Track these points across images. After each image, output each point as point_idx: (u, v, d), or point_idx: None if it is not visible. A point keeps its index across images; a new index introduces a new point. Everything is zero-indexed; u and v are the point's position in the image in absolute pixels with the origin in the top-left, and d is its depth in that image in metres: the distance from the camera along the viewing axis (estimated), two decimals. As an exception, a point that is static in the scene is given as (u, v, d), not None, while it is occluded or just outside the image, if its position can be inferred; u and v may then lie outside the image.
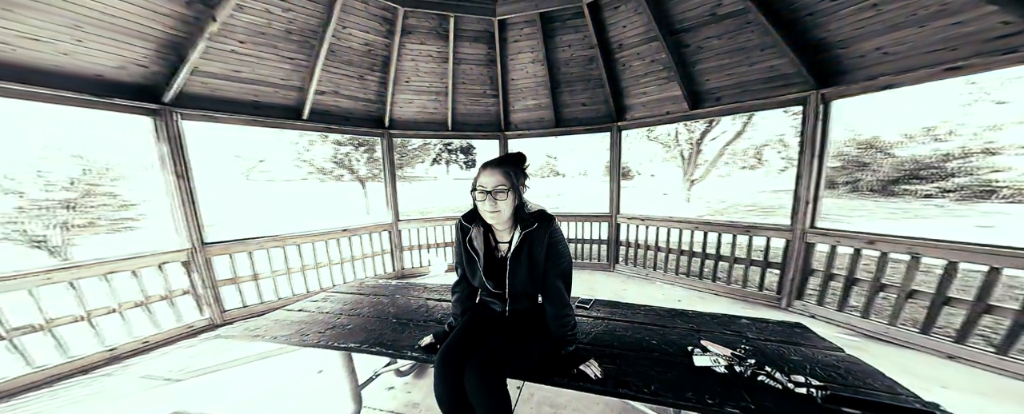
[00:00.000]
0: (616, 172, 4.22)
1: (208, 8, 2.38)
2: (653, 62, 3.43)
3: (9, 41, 1.92)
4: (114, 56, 2.25)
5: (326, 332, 1.55)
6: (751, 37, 2.85)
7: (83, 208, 5.39)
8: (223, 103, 2.81)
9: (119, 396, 1.94)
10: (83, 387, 2.03)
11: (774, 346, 1.35)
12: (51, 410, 1.84)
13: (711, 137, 10.85)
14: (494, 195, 1.16)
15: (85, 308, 2.24)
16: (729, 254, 3.45)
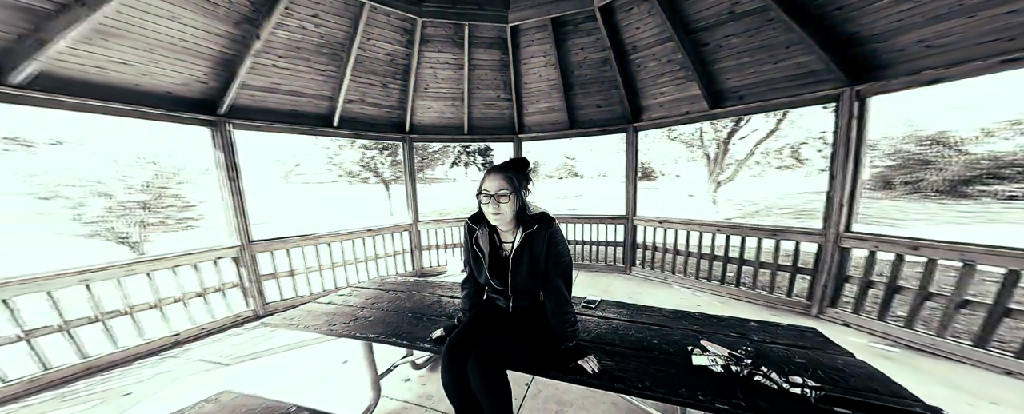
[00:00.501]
0: (633, 173, 4.18)
1: (253, 27, 2.68)
2: (669, 62, 3.38)
3: (103, 65, 2.29)
4: (180, 74, 2.61)
5: (350, 323, 1.72)
6: (774, 34, 2.75)
7: (156, 208, 6.18)
8: (266, 113, 3.14)
9: (179, 376, 2.24)
10: (152, 367, 2.36)
11: (780, 349, 1.33)
12: (130, 385, 2.16)
13: (740, 135, 10.27)
14: (497, 198, 1.25)
15: (157, 297, 2.59)
16: (754, 258, 3.31)
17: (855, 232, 2.79)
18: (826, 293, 2.92)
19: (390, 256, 4.20)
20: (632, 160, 4.13)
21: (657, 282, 4.01)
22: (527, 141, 4.57)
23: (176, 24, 2.37)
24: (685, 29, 3.10)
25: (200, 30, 2.50)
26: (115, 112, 2.41)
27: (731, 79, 3.19)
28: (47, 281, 2.14)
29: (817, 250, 2.92)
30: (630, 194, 4.21)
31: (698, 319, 1.64)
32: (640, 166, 17.23)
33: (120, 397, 2.02)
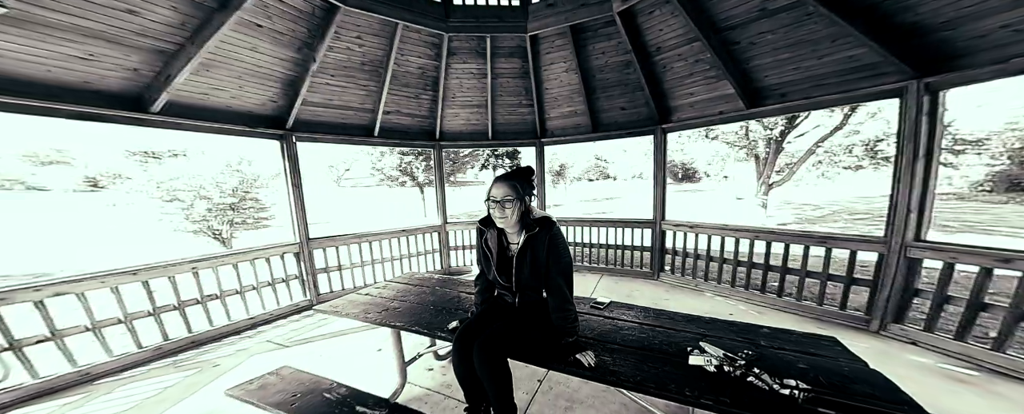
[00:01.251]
0: (661, 175, 4.06)
1: (310, 51, 3.14)
2: (698, 62, 3.28)
3: (207, 92, 2.85)
4: (259, 96, 3.14)
5: (382, 313, 1.96)
6: (815, 28, 2.58)
7: (240, 209, 7.32)
8: (321, 126, 3.62)
9: (253, 353, 2.69)
10: (234, 345, 2.84)
11: (786, 354, 1.30)
12: (219, 358, 2.64)
13: (798, 132, 9.22)
14: (503, 204, 1.39)
15: (241, 284, 3.12)
16: (799, 267, 3.05)
17: (927, 241, 2.48)
18: (889, 308, 2.61)
19: (422, 255, 4.54)
20: (661, 162, 4.02)
21: (687, 289, 3.83)
22: (549, 144, 4.67)
23: (255, 53, 2.88)
24: (713, 28, 3.01)
25: (272, 56, 3.00)
26: (216, 131, 2.99)
27: (769, 76, 3.03)
28: (172, 267, 2.71)
29: (878, 260, 2.65)
30: (658, 197, 4.09)
31: (706, 323, 1.63)
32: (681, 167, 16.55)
33: (211, 367, 2.49)
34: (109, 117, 2.42)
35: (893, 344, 2.49)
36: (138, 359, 2.51)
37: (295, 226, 3.47)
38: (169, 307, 2.70)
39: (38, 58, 2.10)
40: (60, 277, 2.28)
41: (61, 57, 2.15)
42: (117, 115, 2.44)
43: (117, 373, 2.38)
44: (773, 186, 9.88)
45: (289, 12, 2.80)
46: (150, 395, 2.13)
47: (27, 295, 2.14)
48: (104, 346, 2.40)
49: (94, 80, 2.33)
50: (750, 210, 10.40)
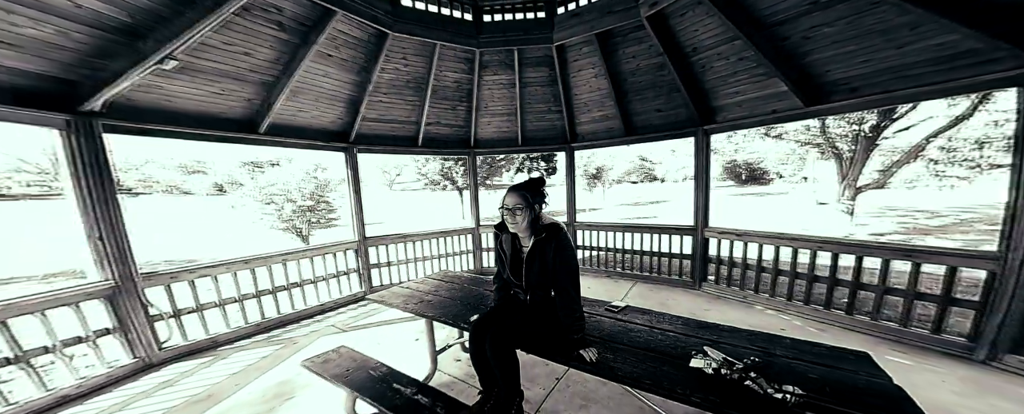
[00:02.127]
0: (704, 179, 3.81)
1: (367, 74, 3.63)
2: (741, 59, 3.07)
3: (295, 114, 3.48)
4: (330, 114, 3.74)
5: (418, 304, 2.23)
6: (886, 17, 2.31)
7: (315, 211, 8.60)
8: (376, 138, 4.15)
9: (321, 334, 3.20)
10: (307, 327, 3.40)
11: (801, 365, 1.26)
12: (297, 337, 3.19)
13: (899, 127, 7.63)
14: (513, 212, 1.53)
15: (316, 274, 3.71)
16: (877, 282, 2.67)
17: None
18: (1003, 336, 2.17)
19: (458, 255, 4.85)
20: (703, 165, 3.78)
21: (734, 301, 3.53)
22: (580, 149, 4.70)
23: (327, 79, 3.45)
24: (756, 25, 2.80)
25: (340, 81, 3.56)
26: (302, 146, 3.67)
27: (834, 71, 2.73)
28: (268, 259, 3.34)
29: (987, 278, 2.25)
30: (700, 202, 3.84)
31: (722, 330, 1.59)
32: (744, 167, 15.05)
33: (292, 343, 3.03)
34: (234, 138, 3.13)
35: (1003, 377, 2.05)
36: (246, 332, 3.15)
37: (355, 227, 4.02)
38: (266, 291, 3.34)
39: (193, 96, 2.81)
40: (203, 263, 3.00)
41: (206, 94, 2.86)
42: (239, 136, 3.15)
43: (232, 342, 3.04)
44: (862, 189, 8.32)
45: (351, 41, 3.32)
46: (253, 362, 2.69)
47: (185, 276, 2.85)
48: (225, 320, 3.08)
49: (225, 110, 3.05)
50: (833, 217, 8.91)
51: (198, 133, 2.89)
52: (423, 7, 3.41)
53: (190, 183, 29.86)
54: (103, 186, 2.37)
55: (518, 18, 3.70)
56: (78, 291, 2.32)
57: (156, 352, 2.64)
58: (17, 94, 2.08)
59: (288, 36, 2.93)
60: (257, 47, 2.85)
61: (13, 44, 1.95)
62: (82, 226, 2.34)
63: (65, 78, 2.21)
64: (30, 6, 1.88)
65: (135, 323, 2.53)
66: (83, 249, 2.38)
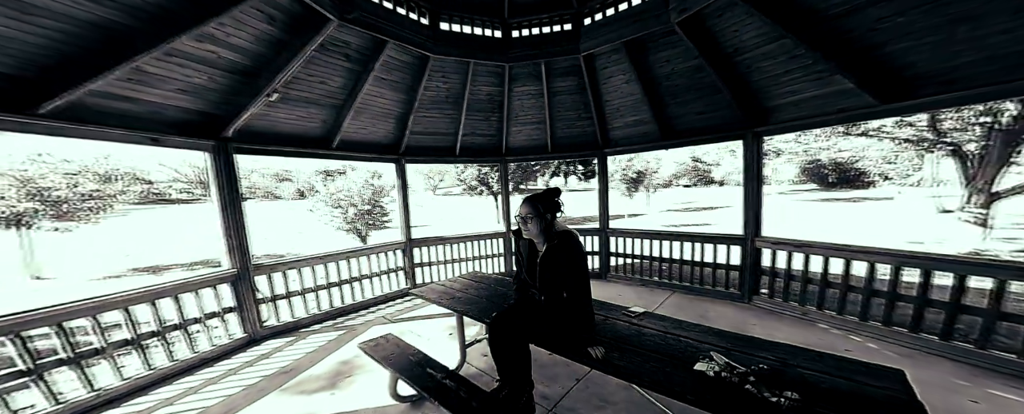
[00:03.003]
0: (754, 186, 3.52)
1: (413, 93, 4.07)
2: (793, 58, 2.82)
3: (358, 130, 4.05)
4: (384, 130, 4.27)
5: (450, 300, 2.49)
6: (973, 6, 1.98)
7: (372, 214, 9.66)
8: (421, 149, 4.61)
9: (372, 324, 3.65)
10: (363, 316, 3.91)
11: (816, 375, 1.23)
12: (355, 324, 3.69)
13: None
14: (524, 220, 1.69)
15: (371, 270, 4.27)
16: (985, 306, 2.30)
17: None
18: None
19: (490, 257, 5.09)
20: (753, 169, 3.50)
21: (789, 317, 3.21)
22: (614, 154, 4.65)
23: (382, 99, 3.97)
24: (809, 20, 2.56)
25: (391, 100, 4.05)
26: (363, 159, 4.25)
27: (922, 62, 2.39)
28: (337, 256, 3.93)
29: None
30: (751, 210, 3.56)
31: (738, 340, 1.55)
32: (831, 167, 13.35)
33: (351, 330, 3.53)
34: (315, 153, 3.78)
35: None
36: (317, 318, 3.73)
37: (402, 229, 4.51)
38: (334, 284, 3.94)
39: (288, 120, 3.47)
40: (291, 258, 3.63)
41: (296, 118, 3.51)
42: (318, 151, 3.79)
43: (308, 325, 3.65)
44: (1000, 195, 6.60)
45: (400, 65, 3.77)
46: (322, 343, 3.21)
47: (280, 268, 3.50)
48: (305, 307, 3.71)
49: (309, 130, 3.69)
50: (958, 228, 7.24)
51: (293, 150, 3.58)
52: (459, 29, 3.73)
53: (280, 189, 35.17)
54: (233, 195, 3.07)
55: (545, 32, 3.84)
56: (214, 276, 3.03)
57: (259, 329, 3.30)
58: (183, 126, 2.82)
59: (352, 65, 3.46)
60: (330, 76, 3.42)
61: (184, 90, 2.66)
62: (220, 225, 3.05)
63: (212, 112, 2.92)
64: (198, 61, 2.56)
65: (247, 304, 3.20)
66: (219, 244, 3.10)
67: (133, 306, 2.55)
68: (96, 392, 2.33)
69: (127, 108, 2.49)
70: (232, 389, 2.48)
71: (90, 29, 2.07)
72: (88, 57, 2.13)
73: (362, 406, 2.23)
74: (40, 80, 2.07)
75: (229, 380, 2.61)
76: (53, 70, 2.08)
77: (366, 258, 4.18)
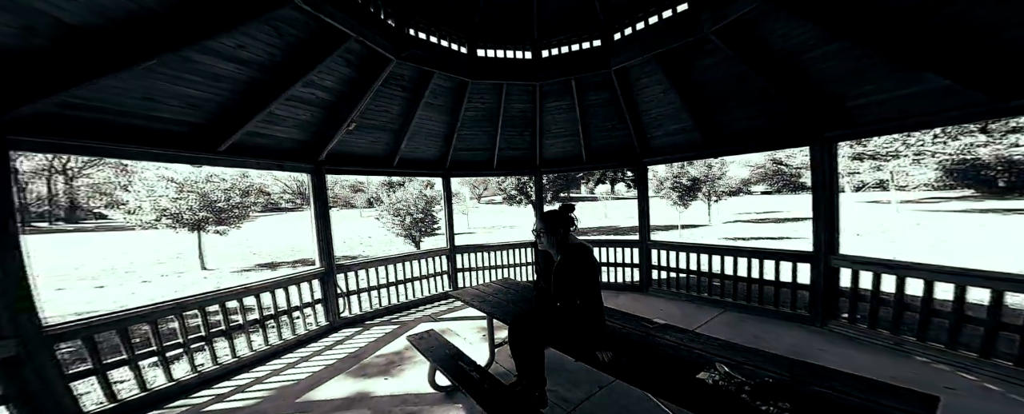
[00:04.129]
0: (826, 197, 3.10)
1: (455, 115, 4.52)
2: (862, 58, 2.47)
3: (412, 150, 4.63)
4: (433, 148, 4.81)
5: (482, 302, 2.73)
6: None
7: (424, 222, 10.68)
8: (463, 164, 5.05)
9: (419, 322, 4.11)
10: (413, 315, 4.39)
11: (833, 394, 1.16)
12: (406, 320, 4.19)
13: None
14: (538, 234, 1.88)
15: (421, 273, 4.81)
16: None
17: None
18: None
19: (522, 266, 5.24)
20: (827, 180, 3.08)
21: (875, 346, 2.75)
22: (654, 163, 4.51)
23: (431, 121, 4.50)
24: (875, 13, 2.24)
25: (437, 122, 4.57)
26: (415, 174, 4.89)
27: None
28: (396, 260, 4.56)
29: None
30: (822, 225, 3.13)
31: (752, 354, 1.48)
32: (999, 165, 10.98)
33: (403, 326, 4.05)
34: (381, 171, 4.50)
35: None
36: (377, 313, 4.33)
37: (446, 237, 4.97)
38: (392, 283, 4.54)
39: (361, 145, 4.17)
40: (360, 260, 4.33)
41: (367, 142, 4.20)
42: (383, 169, 4.48)
43: (371, 318, 4.27)
44: None
45: (444, 90, 4.25)
46: (381, 335, 3.73)
47: (354, 268, 4.18)
48: (370, 302, 4.38)
49: (377, 151, 4.38)
50: None
51: (365, 169, 4.32)
52: (493, 54, 4.07)
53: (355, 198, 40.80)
54: (324, 208, 3.83)
55: (574, 50, 3.95)
56: (310, 273, 3.76)
57: (337, 319, 4.00)
58: (295, 153, 3.62)
59: (406, 94, 4.04)
60: (391, 106, 4.05)
61: (296, 125, 3.44)
62: (313, 232, 3.82)
63: (310, 141, 3.68)
64: (303, 101, 3.29)
65: (330, 297, 3.91)
66: (313, 246, 3.86)
67: (263, 293, 3.34)
68: (236, 359, 3.09)
69: (264, 143, 3.31)
70: (316, 367, 3.07)
71: (244, 86, 2.82)
72: (243, 107, 2.92)
73: (408, 391, 2.59)
74: (218, 126, 2.91)
75: (314, 359, 3.22)
76: (223, 118, 2.91)
77: (417, 262, 4.72)
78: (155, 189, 9.45)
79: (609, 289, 4.95)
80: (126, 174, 11.19)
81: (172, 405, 2.51)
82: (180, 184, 9.61)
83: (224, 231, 10.72)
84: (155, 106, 2.52)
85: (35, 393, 2.03)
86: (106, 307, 6.35)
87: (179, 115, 2.68)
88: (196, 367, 2.85)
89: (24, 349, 2.00)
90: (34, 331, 2.04)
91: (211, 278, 9.29)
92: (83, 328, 2.28)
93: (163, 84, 2.44)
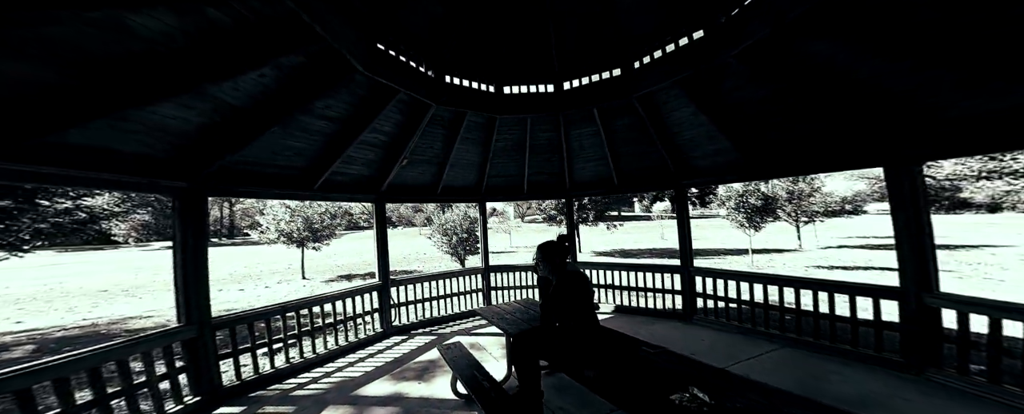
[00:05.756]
0: (912, 225, 2.68)
1: (487, 146, 5.00)
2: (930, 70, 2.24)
3: (452, 179, 5.27)
4: (470, 177, 5.37)
5: (499, 319, 2.96)
6: None
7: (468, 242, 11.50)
8: (496, 189, 5.49)
9: (452, 334, 4.48)
10: (449, 328, 4.82)
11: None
12: (442, 332, 4.63)
13: None
14: (536, 262, 2.13)
15: (459, 289, 5.25)
16: None
17: None
18: None
19: None
20: (907, 205, 2.68)
21: (993, 401, 2.08)
22: (696, 186, 4.40)
23: (467, 153, 5.08)
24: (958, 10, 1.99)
25: (474, 154, 5.12)
26: (456, 201, 5.51)
27: None
28: (444, 276, 5.15)
29: None
30: (908, 255, 2.68)
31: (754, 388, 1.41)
32: None
33: (440, 337, 4.46)
34: (427, 198, 5.20)
35: None
36: (420, 323, 4.89)
37: (482, 257, 5.35)
38: (434, 298, 5.07)
39: (412, 177, 4.91)
40: (409, 276, 5.05)
41: (416, 174, 4.93)
42: (430, 197, 5.18)
43: (416, 328, 4.81)
44: None
45: (476, 126, 4.79)
46: (421, 345, 4.21)
47: (404, 282, 4.86)
48: (416, 314, 4.95)
49: (424, 182, 5.10)
50: None
51: (415, 198, 5.08)
52: (518, 90, 4.48)
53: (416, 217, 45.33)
54: (383, 232, 4.59)
55: (595, 80, 4.16)
56: (369, 285, 4.50)
57: (389, 328, 4.62)
58: (363, 186, 4.45)
59: (446, 131, 4.68)
60: (434, 142, 4.72)
61: (363, 163, 4.27)
62: (375, 250, 4.61)
63: (373, 176, 4.51)
64: (368, 144, 4.06)
65: (384, 307, 4.58)
66: (373, 263, 4.67)
67: (336, 301, 4.12)
68: (316, 354, 3.81)
69: (342, 179, 4.17)
70: (368, 367, 3.62)
71: (329, 137, 3.67)
72: (329, 153, 3.79)
73: (434, 395, 2.90)
74: (314, 169, 3.81)
75: (368, 361, 3.80)
76: (317, 163, 3.80)
77: (456, 279, 5.19)
78: (277, 215, 12.26)
79: (645, 315, 4.73)
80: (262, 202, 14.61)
81: (271, 388, 3.23)
82: (292, 210, 12.28)
83: (318, 247, 13.08)
84: (276, 157, 3.46)
85: (201, 368, 2.89)
86: (242, 306, 8.30)
87: (291, 162, 3.61)
88: (289, 359, 3.62)
89: (200, 333, 2.89)
90: (207, 320, 2.93)
91: (308, 286, 11.28)
92: (231, 321, 3.17)
93: (280, 140, 3.35)
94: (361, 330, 4.39)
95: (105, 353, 2.35)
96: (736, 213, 11.92)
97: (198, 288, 2.88)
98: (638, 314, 4.85)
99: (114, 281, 13.46)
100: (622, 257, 15.18)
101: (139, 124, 2.41)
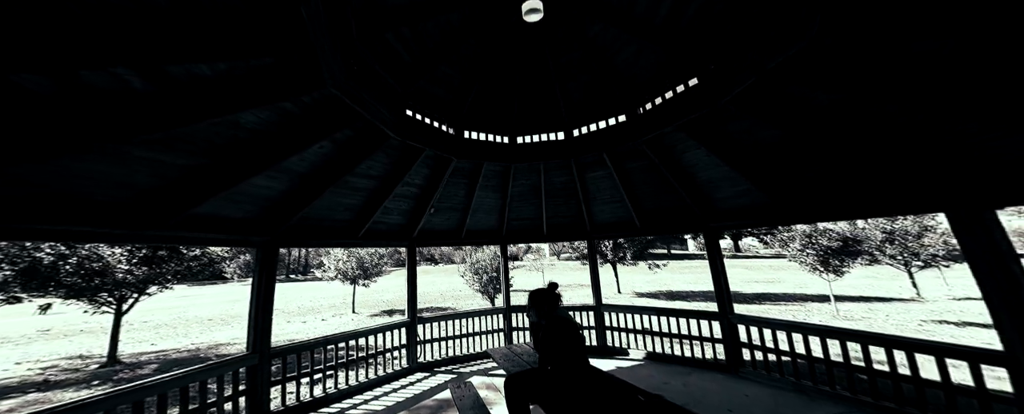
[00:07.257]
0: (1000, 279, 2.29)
1: (504, 192, 5.45)
2: None
3: (475, 224, 5.78)
4: (491, 221, 5.81)
5: (504, 360, 3.11)
6: None
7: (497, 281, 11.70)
8: (516, 232, 5.83)
9: (474, 371, 4.58)
10: (473, 366, 4.95)
11: None
12: (462, 370, 4.77)
13: None
14: (528, 310, 2.36)
15: (480, 328, 5.42)
16: None
17: None
18: None
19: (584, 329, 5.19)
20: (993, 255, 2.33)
21: None
22: (725, 228, 4.22)
23: (487, 199, 5.59)
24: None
25: (493, 199, 5.61)
26: (480, 243, 5.90)
27: None
28: (473, 314, 5.43)
29: None
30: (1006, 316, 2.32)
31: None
32: None
33: (459, 375, 4.61)
34: (453, 242, 5.70)
35: None
36: (442, 361, 5.10)
37: (503, 298, 5.54)
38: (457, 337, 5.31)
39: (438, 223, 5.51)
40: (437, 314, 5.42)
41: (442, 220, 5.52)
42: (456, 241, 5.68)
43: (439, 365, 5.02)
44: None
45: (494, 173, 5.32)
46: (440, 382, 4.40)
47: (430, 320, 5.22)
48: (440, 351, 5.21)
49: (450, 227, 5.67)
50: None
51: (442, 242, 5.59)
52: (531, 139, 4.95)
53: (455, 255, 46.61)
54: (413, 274, 5.55)
55: (602, 126, 4.47)
56: (399, 322, 4.91)
57: (414, 364, 4.91)
58: (398, 234, 5.12)
59: (467, 180, 5.26)
60: (457, 190, 5.31)
61: (398, 213, 4.97)
62: (406, 289, 5.09)
63: (405, 223, 5.16)
64: (401, 195, 4.86)
65: (411, 343, 4.93)
66: (404, 302, 5.17)
67: (371, 336, 4.60)
68: (349, 385, 4.22)
69: (380, 228, 4.87)
70: (391, 402, 3.89)
71: (371, 193, 4.41)
72: (370, 206, 4.51)
73: (446, 433, 3.04)
74: (359, 221, 4.54)
75: (392, 395, 4.08)
76: (362, 215, 4.53)
77: (479, 319, 5.43)
78: (337, 255, 14.05)
79: (683, 364, 4.38)
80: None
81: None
82: (348, 251, 14.01)
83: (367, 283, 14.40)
84: (332, 213, 4.25)
85: (259, 392, 3.44)
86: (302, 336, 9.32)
87: (342, 215, 4.38)
88: (326, 389, 4.07)
89: (260, 361, 3.49)
90: (267, 350, 3.54)
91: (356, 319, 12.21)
92: (283, 351, 3.74)
93: (334, 198, 4.13)
94: (390, 365, 4.74)
95: (193, 374, 2.97)
96: (804, 255, 10.27)
97: (265, 323, 3.52)
98: (674, 362, 4.55)
99: (219, 311, 15.94)
100: (669, 299, 13.98)
101: (243, 195, 3.25)
